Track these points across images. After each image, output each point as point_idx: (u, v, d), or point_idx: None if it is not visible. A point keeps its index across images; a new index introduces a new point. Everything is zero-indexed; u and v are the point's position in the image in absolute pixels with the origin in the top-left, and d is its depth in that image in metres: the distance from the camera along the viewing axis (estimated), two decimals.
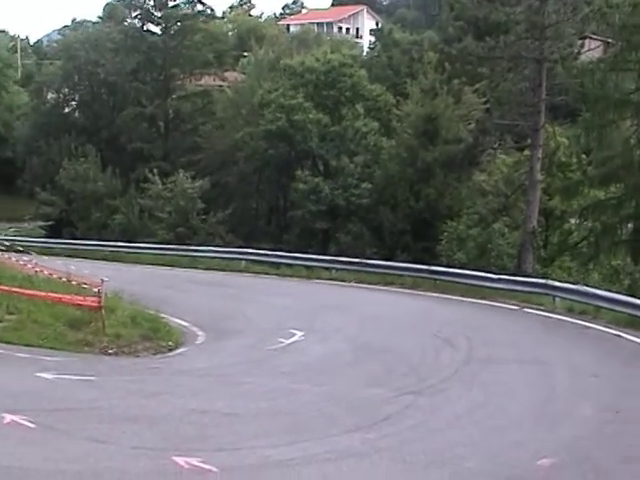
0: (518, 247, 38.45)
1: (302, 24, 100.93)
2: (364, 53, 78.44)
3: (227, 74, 68.56)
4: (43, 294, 21.43)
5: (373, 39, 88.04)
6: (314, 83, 54.16)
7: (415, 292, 31.91)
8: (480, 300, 29.20)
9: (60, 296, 21.31)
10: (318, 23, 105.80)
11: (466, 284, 31.52)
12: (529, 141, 39.68)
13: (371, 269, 36.28)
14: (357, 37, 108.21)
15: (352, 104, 53.04)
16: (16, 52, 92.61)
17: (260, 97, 54.56)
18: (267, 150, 53.50)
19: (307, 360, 18.77)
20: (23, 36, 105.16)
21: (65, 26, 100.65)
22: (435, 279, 33.11)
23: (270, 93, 53.87)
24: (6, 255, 27.78)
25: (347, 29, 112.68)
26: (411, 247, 44.32)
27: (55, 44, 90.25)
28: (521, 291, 29.38)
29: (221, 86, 66.43)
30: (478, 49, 39.09)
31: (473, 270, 32.80)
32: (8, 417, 10.79)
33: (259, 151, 54.16)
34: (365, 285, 34.00)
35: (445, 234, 40.40)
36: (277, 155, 53.68)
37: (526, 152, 40.40)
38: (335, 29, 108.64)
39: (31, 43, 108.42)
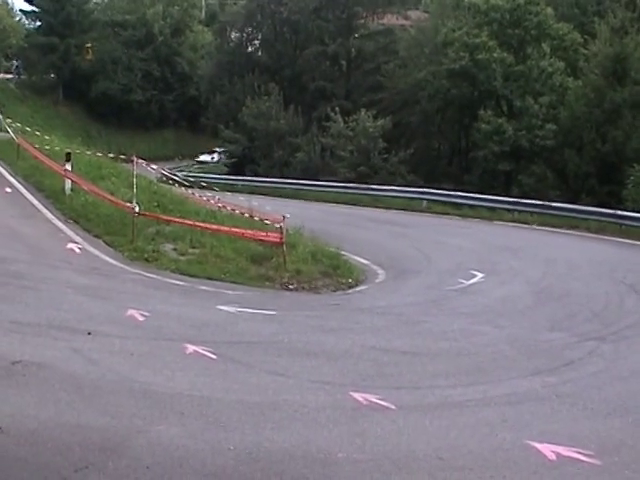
0: None
1: None
2: None
3: (410, 13, 67.98)
4: (226, 229, 21.78)
5: None
6: (499, 21, 53.12)
7: (600, 237, 31.25)
8: None
9: (243, 231, 21.61)
10: None
11: None
12: None
13: (555, 212, 35.72)
14: None
15: (538, 43, 51.82)
16: None
17: (443, 36, 53.86)
18: (450, 90, 52.99)
19: (487, 302, 18.52)
20: None
21: None
22: (621, 224, 32.32)
23: (454, 32, 53.11)
24: (190, 191, 28.35)
25: None
26: (596, 190, 43.20)
27: None
28: None
29: (404, 25, 65.95)
30: None
31: None
32: (190, 347, 10.97)
33: (442, 90, 53.68)
34: (548, 228, 33.52)
35: (632, 178, 39.04)
36: (460, 95, 53.11)
37: None
38: None
39: None
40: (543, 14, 52.83)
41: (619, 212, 33.29)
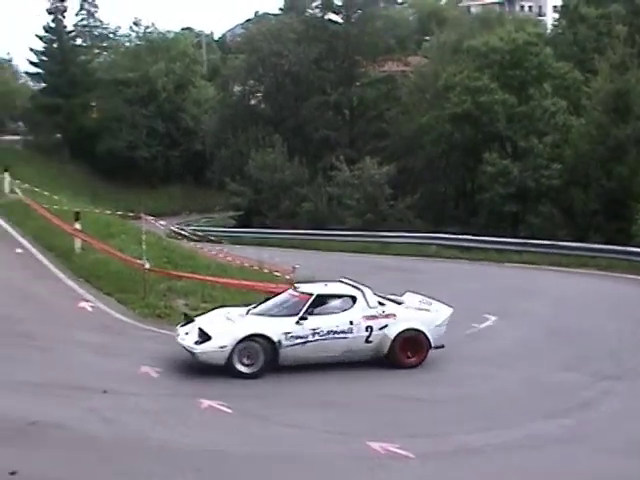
0: None
1: (483, 4, 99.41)
2: (548, 30, 76.66)
3: (410, 59, 68.17)
4: (236, 282, 21.73)
5: (557, 15, 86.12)
6: (499, 63, 53.26)
7: (610, 274, 31.01)
8: None
9: (253, 284, 21.55)
10: (499, 3, 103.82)
11: None
12: None
13: (563, 251, 35.46)
14: (539, 15, 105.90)
15: (539, 83, 51.95)
16: (201, 48, 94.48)
17: (444, 80, 53.96)
18: (453, 133, 52.96)
19: (501, 345, 18.41)
20: (208, 32, 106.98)
21: (248, 20, 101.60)
22: (631, 260, 32.14)
23: (454, 76, 53.21)
24: (199, 245, 28.40)
25: (529, 7, 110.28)
26: (604, 228, 43.00)
27: (239, 38, 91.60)
28: None
29: (404, 71, 66.21)
30: None
31: None
32: (205, 402, 10.97)
33: (445, 134, 53.68)
34: (558, 267, 33.31)
35: None
36: (463, 138, 53.05)
37: None
38: (517, 8, 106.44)
39: (215, 38, 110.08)
40: (543, 54, 52.99)
41: (629, 248, 33.09)
